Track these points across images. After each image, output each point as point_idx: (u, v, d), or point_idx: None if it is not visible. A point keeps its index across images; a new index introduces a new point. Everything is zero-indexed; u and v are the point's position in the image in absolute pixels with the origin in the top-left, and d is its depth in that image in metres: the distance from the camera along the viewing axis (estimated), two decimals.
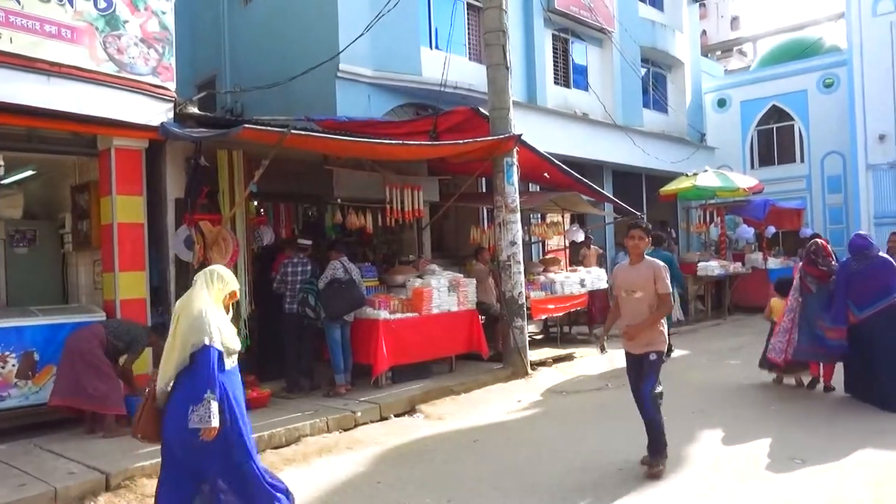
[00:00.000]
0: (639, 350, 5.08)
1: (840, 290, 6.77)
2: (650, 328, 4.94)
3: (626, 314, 5.13)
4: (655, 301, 4.98)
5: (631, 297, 5.06)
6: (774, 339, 7.36)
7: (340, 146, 7.61)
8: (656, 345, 5.05)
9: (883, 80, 17.04)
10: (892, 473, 4.69)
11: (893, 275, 6.62)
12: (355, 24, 10.39)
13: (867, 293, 6.59)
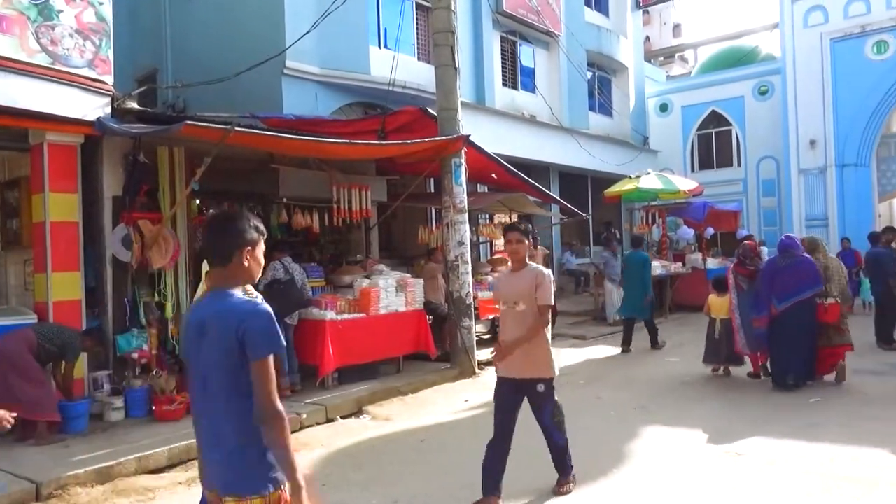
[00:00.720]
0: (518, 374, 4.32)
1: (764, 283, 7.45)
2: (532, 347, 4.20)
3: (506, 329, 4.38)
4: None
5: (512, 309, 4.32)
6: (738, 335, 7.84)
7: (286, 144, 7.50)
8: (543, 371, 4.31)
9: (813, 89, 17.83)
10: (820, 465, 4.92)
11: (812, 273, 7.29)
12: (302, 21, 10.26)
13: (787, 288, 7.26)
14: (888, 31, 16.84)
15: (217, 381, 2.24)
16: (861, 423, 5.95)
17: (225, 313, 2.22)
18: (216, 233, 2.37)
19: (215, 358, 2.23)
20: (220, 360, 2.22)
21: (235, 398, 2.21)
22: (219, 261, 2.34)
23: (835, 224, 17.55)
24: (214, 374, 2.24)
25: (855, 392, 7.16)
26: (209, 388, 2.26)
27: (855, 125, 17.28)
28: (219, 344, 2.22)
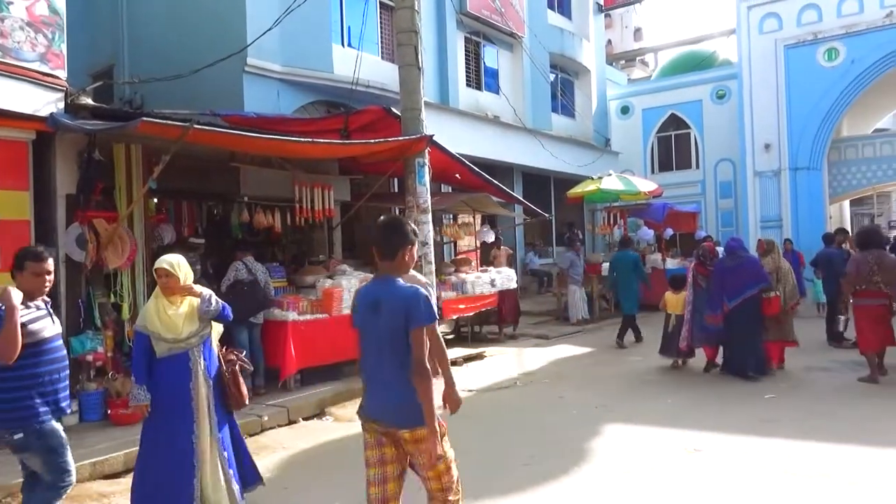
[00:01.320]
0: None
1: (716, 283, 8.13)
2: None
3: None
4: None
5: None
6: (684, 329, 8.49)
7: (247, 143, 7.39)
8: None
9: (768, 94, 18.31)
10: (775, 460, 5.05)
11: (756, 271, 8.05)
12: (264, 18, 10.12)
13: (736, 286, 7.97)
14: (838, 38, 17.39)
15: (390, 346, 2.95)
16: (813, 419, 6.13)
17: (394, 296, 2.96)
18: (388, 233, 3.07)
19: (389, 329, 2.94)
20: (393, 331, 2.93)
21: (404, 358, 2.92)
22: (388, 255, 3.06)
23: (788, 225, 18.03)
24: (388, 340, 2.96)
25: (807, 388, 7.38)
26: (384, 350, 2.99)
27: (807, 130, 17.80)
28: (392, 319, 2.94)
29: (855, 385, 7.44)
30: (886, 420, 6.00)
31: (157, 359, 3.87)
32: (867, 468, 4.79)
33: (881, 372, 7.67)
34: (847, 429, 5.77)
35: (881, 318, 7.62)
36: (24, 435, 3.41)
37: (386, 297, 2.98)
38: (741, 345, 7.94)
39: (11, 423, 3.40)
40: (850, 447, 5.27)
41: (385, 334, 2.97)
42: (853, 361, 8.62)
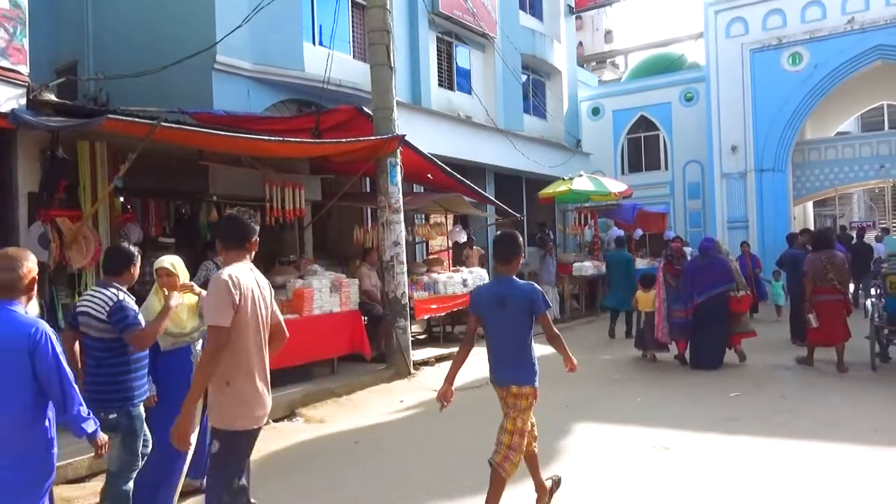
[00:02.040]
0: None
1: (687, 279, 8.79)
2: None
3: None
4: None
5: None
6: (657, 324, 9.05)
7: (217, 141, 7.29)
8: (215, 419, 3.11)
9: (735, 97, 18.66)
10: (740, 457, 5.15)
11: (726, 272, 8.73)
12: (234, 15, 10.00)
13: (705, 283, 8.63)
14: (802, 43, 17.79)
15: (516, 330, 4.03)
16: (776, 416, 6.27)
17: (518, 291, 4.01)
18: (507, 244, 4.13)
19: (514, 318, 3.99)
20: (519, 320, 4.00)
21: (524, 338, 4.05)
22: (507, 261, 4.11)
23: (754, 226, 18.41)
24: (514, 327, 4.02)
25: (771, 387, 7.54)
26: (510, 334, 4.05)
27: (772, 132, 18.18)
28: (518, 310, 3.98)
29: (818, 382, 7.63)
30: (847, 416, 6.15)
31: (161, 352, 4.21)
32: (829, 464, 4.91)
33: (841, 369, 8.06)
34: (810, 425, 5.91)
35: (835, 312, 8.21)
36: (117, 415, 3.65)
37: (511, 293, 4.01)
38: (708, 338, 8.60)
39: (111, 403, 3.65)
40: (813, 443, 5.40)
41: (511, 322, 4.01)
42: (817, 359, 8.84)
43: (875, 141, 19.49)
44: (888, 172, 18.74)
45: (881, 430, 5.64)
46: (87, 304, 3.74)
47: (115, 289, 3.81)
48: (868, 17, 17.01)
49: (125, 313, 3.68)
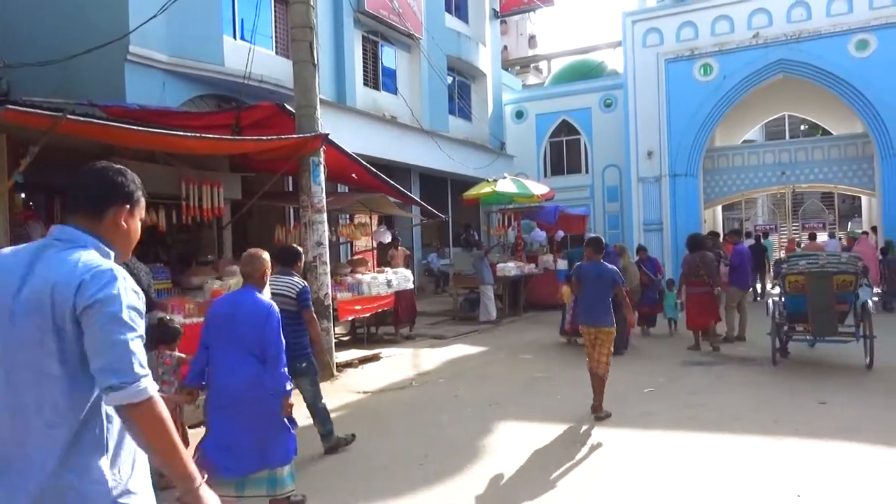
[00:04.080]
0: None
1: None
2: None
3: None
4: None
5: None
6: (568, 316, 10.09)
7: (128, 136, 6.94)
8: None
9: (651, 104, 19.44)
10: (653, 450, 5.36)
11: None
12: (149, 4, 9.58)
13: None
14: (712, 55, 18.73)
15: (605, 293, 6.24)
16: (687, 410, 6.57)
17: (606, 270, 6.30)
18: (599, 242, 6.59)
19: (606, 285, 6.24)
20: (607, 287, 6.24)
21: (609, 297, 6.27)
22: (598, 252, 6.45)
23: (668, 228, 19.22)
24: (604, 291, 6.26)
25: (683, 382, 7.89)
26: (600, 296, 6.27)
27: (685, 139, 19.05)
28: (607, 281, 6.24)
29: (725, 376, 8.05)
30: (751, 409, 6.51)
31: None
32: (734, 454, 5.19)
33: (714, 346, 9.75)
34: (717, 418, 6.22)
35: (705, 302, 9.72)
36: (305, 364, 5.17)
37: (602, 270, 6.33)
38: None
39: (302, 357, 5.13)
40: (720, 435, 5.69)
41: (602, 288, 6.28)
42: (724, 356, 9.32)
43: (777, 149, 20.76)
44: (788, 178, 19.99)
45: (780, 421, 6.00)
46: (280, 287, 5.12)
47: (297, 277, 5.36)
48: (771, 33, 18.09)
49: (307, 295, 5.24)
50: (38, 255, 1.78)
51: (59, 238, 1.82)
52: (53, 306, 1.68)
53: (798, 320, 8.65)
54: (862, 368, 8.05)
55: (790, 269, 8.52)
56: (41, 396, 1.69)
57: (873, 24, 16.99)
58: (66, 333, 1.69)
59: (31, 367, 1.70)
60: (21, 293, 1.72)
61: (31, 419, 1.69)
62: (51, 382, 1.69)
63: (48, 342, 1.69)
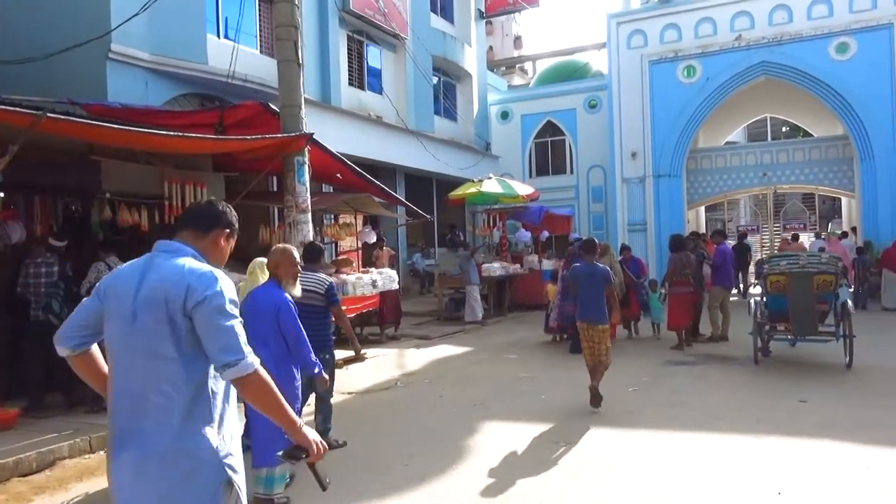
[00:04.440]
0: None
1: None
2: None
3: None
4: None
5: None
6: (553, 313, 10.55)
7: (110, 135, 6.87)
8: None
9: (635, 105, 19.55)
10: (637, 449, 5.40)
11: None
12: (131, 2, 9.49)
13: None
14: (695, 57, 18.88)
15: (599, 292, 6.60)
16: (669, 409, 6.62)
17: (598, 271, 6.68)
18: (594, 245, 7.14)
19: (599, 285, 6.59)
20: (600, 286, 6.60)
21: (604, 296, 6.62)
22: (591, 253, 6.96)
23: (652, 228, 19.35)
24: (598, 290, 6.59)
25: (665, 382, 7.95)
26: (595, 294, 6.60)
27: (668, 140, 19.18)
28: (601, 280, 6.61)
29: (707, 376, 8.12)
30: (733, 408, 6.57)
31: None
32: (716, 452, 5.23)
33: (687, 343, 10.01)
34: (699, 417, 6.27)
35: (687, 301, 10.01)
36: (328, 356, 5.35)
37: (595, 270, 6.71)
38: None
39: (324, 349, 5.27)
40: (701, 434, 5.74)
41: (597, 287, 6.63)
42: (707, 355, 9.40)
43: (759, 151, 20.96)
44: (770, 180, 20.20)
45: (762, 420, 6.06)
46: (310, 283, 5.26)
47: (324, 273, 5.65)
48: (754, 36, 18.27)
49: (334, 291, 5.50)
50: (148, 265, 2.20)
51: (163, 250, 2.24)
52: (167, 302, 2.08)
53: (779, 320, 8.74)
54: (842, 367, 8.15)
55: (772, 270, 8.62)
56: (158, 376, 2.07)
57: (853, 28, 17.22)
58: (177, 324, 2.07)
59: (150, 353, 2.09)
60: (139, 295, 2.12)
61: (149, 395, 2.07)
62: (166, 364, 2.08)
63: (164, 331, 2.08)
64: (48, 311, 6.60)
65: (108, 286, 2.23)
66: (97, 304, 2.23)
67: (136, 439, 2.06)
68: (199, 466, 2.07)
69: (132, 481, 2.07)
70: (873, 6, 17.14)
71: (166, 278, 2.12)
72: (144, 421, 2.07)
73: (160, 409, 2.06)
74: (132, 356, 2.10)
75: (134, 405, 2.09)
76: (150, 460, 2.05)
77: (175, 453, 2.05)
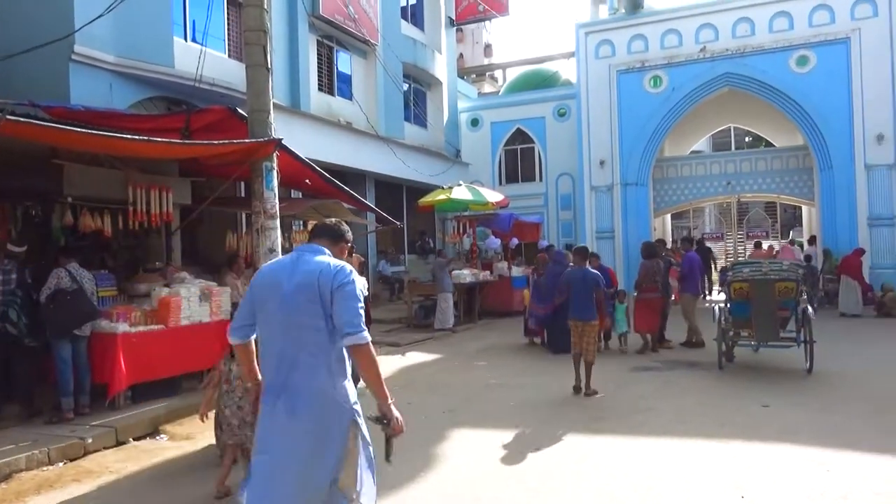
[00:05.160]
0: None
1: (549, 283, 10.17)
2: None
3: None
4: None
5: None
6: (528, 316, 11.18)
7: (73, 138, 6.70)
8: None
9: (603, 114, 19.81)
10: (603, 455, 5.45)
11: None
12: (96, 2, 9.30)
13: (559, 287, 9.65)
14: (662, 67, 19.22)
15: (589, 293, 7.61)
16: (636, 415, 6.69)
17: (588, 274, 7.77)
18: (585, 251, 8.32)
19: (589, 287, 7.63)
20: (590, 288, 7.63)
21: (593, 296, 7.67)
22: (583, 259, 8.05)
23: (619, 236, 19.58)
24: (588, 291, 7.63)
25: (632, 387, 8.04)
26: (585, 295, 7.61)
27: (636, 149, 19.46)
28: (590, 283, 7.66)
29: (673, 382, 8.24)
30: (698, 413, 6.68)
31: None
32: (682, 457, 5.31)
33: (653, 349, 10.28)
34: (665, 422, 6.35)
35: (655, 306, 10.28)
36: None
37: (586, 275, 7.64)
38: (561, 331, 9.30)
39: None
40: (667, 439, 5.81)
41: (586, 290, 7.56)
42: (673, 361, 9.54)
43: (723, 160, 21.39)
44: (733, 188, 20.62)
45: (726, 424, 6.17)
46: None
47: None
48: (718, 47, 18.67)
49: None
50: (297, 259, 2.94)
51: (308, 250, 2.99)
52: (319, 286, 2.78)
53: (743, 326, 8.91)
54: (802, 373, 8.34)
55: (735, 277, 8.79)
56: (305, 341, 2.79)
57: (812, 41, 17.71)
58: (325, 302, 2.77)
59: (300, 324, 2.80)
60: (293, 279, 2.83)
61: (299, 356, 2.79)
62: (314, 333, 2.78)
63: (313, 308, 2.78)
64: (5, 321, 6.40)
65: (258, 282, 3.01)
66: (250, 299, 2.98)
67: (290, 390, 2.77)
68: (336, 408, 2.80)
69: (286, 421, 2.76)
70: (832, 21, 17.66)
71: (317, 268, 2.83)
72: (296, 374, 2.78)
73: (308, 366, 2.78)
74: (286, 327, 2.80)
75: (288, 364, 2.78)
76: (301, 403, 2.76)
77: (320, 398, 2.78)
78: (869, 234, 16.99)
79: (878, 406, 6.73)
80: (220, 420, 4.91)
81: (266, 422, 2.83)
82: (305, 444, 2.76)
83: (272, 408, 2.79)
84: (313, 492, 2.78)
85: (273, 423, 2.79)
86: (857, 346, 10.52)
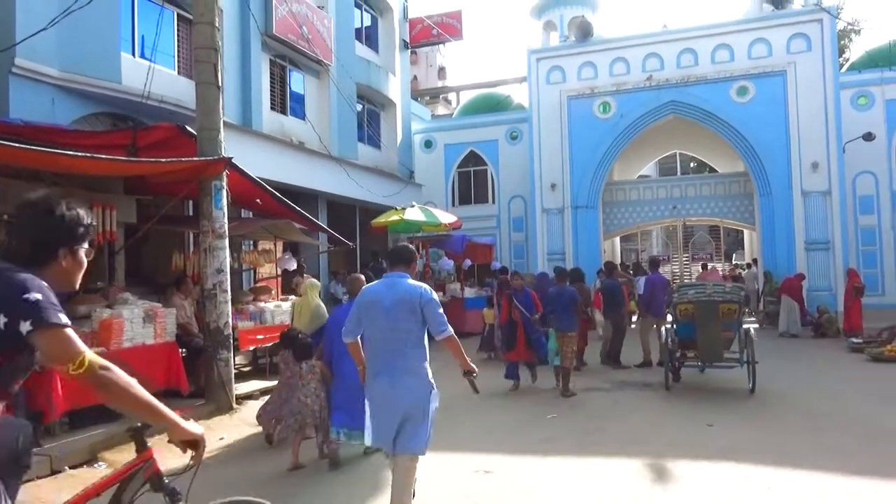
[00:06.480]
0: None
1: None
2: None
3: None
4: None
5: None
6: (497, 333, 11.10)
7: (11, 153, 6.47)
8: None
9: (554, 138, 20.20)
10: (553, 476, 5.46)
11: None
12: (39, 15, 9.07)
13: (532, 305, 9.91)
14: (610, 94, 19.77)
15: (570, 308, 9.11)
16: (586, 435, 6.76)
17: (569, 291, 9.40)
18: (565, 272, 10.34)
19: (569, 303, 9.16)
20: (570, 304, 9.16)
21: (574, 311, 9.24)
22: (562, 280, 9.79)
23: (570, 258, 19.88)
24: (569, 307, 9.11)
25: (584, 407, 8.13)
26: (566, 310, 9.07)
27: (586, 173, 19.89)
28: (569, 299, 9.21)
29: (622, 402, 8.36)
30: (647, 433, 6.78)
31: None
32: (631, 477, 5.37)
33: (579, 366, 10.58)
34: (614, 443, 6.43)
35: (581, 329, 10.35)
36: None
37: (564, 292, 9.21)
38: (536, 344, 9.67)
39: None
40: (617, 459, 5.87)
41: (565, 305, 9.07)
42: (622, 381, 9.69)
43: (669, 185, 22.05)
44: (679, 212, 21.25)
45: (674, 444, 6.28)
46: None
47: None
48: (663, 76, 19.33)
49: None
50: (391, 282, 4.23)
51: (396, 276, 4.26)
52: (411, 302, 4.08)
53: (688, 347, 9.13)
54: (745, 392, 8.58)
55: (681, 298, 9.01)
56: (405, 338, 4.10)
57: (752, 73, 18.51)
58: (417, 312, 4.09)
59: (401, 327, 4.09)
60: (392, 297, 4.12)
61: (401, 347, 4.10)
62: (409, 334, 4.11)
63: (410, 316, 4.09)
64: None
65: (364, 300, 4.25)
66: (357, 312, 4.25)
67: (391, 370, 4.07)
68: (423, 379, 4.14)
69: (387, 390, 4.07)
70: (769, 54, 18.51)
71: (408, 290, 4.13)
72: (398, 360, 4.09)
73: (405, 355, 4.10)
74: (391, 330, 4.08)
75: (392, 354, 4.09)
76: (399, 377, 4.06)
77: (413, 374, 4.10)
78: (806, 258, 17.70)
79: (816, 425, 6.96)
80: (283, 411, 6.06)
81: (373, 393, 4.16)
82: (401, 400, 4.06)
83: (378, 382, 4.11)
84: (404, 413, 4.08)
85: (377, 391, 4.13)
86: (796, 365, 10.89)
